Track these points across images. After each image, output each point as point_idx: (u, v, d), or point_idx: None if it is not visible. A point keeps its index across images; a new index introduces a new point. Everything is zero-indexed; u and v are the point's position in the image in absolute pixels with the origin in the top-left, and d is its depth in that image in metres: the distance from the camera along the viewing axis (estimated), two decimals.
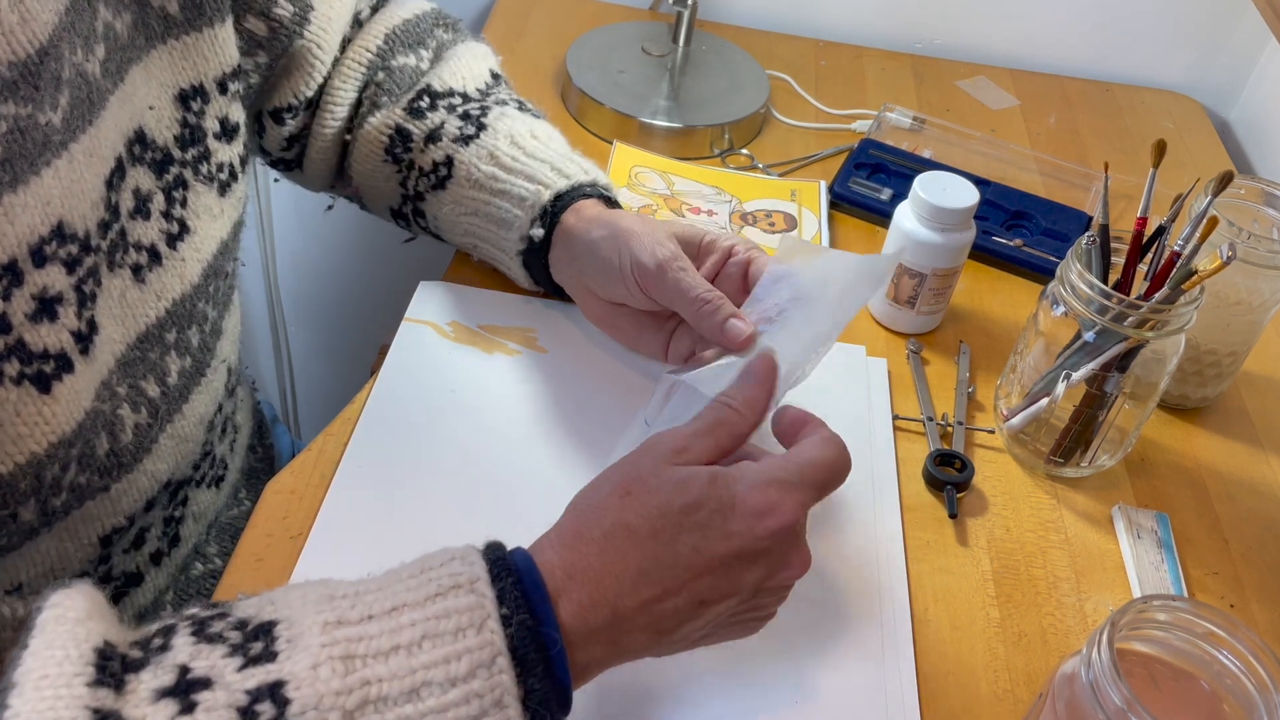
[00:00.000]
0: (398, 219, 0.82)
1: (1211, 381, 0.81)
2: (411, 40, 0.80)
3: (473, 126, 0.76)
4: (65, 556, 0.59)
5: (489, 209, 0.75)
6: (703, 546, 0.49)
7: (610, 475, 0.52)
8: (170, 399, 0.63)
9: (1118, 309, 0.67)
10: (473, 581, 0.46)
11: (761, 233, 0.89)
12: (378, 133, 0.78)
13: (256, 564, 0.63)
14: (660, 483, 0.50)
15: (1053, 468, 0.75)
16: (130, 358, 0.59)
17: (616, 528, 0.49)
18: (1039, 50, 1.20)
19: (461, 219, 0.77)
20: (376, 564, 0.63)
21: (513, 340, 0.78)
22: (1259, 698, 0.50)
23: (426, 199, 0.78)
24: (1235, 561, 0.72)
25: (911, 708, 0.60)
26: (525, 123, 0.77)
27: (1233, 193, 0.77)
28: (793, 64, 1.14)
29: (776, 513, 0.50)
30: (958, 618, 0.66)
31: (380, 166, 0.79)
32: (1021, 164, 1.05)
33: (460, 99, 0.78)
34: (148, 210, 0.59)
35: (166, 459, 0.63)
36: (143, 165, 0.59)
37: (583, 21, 1.14)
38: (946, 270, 0.81)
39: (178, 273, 0.62)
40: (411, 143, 0.77)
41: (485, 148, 0.75)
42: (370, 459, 0.69)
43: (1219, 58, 1.18)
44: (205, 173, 0.64)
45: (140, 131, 0.59)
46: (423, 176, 0.77)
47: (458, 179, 0.76)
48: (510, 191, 0.74)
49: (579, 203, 0.72)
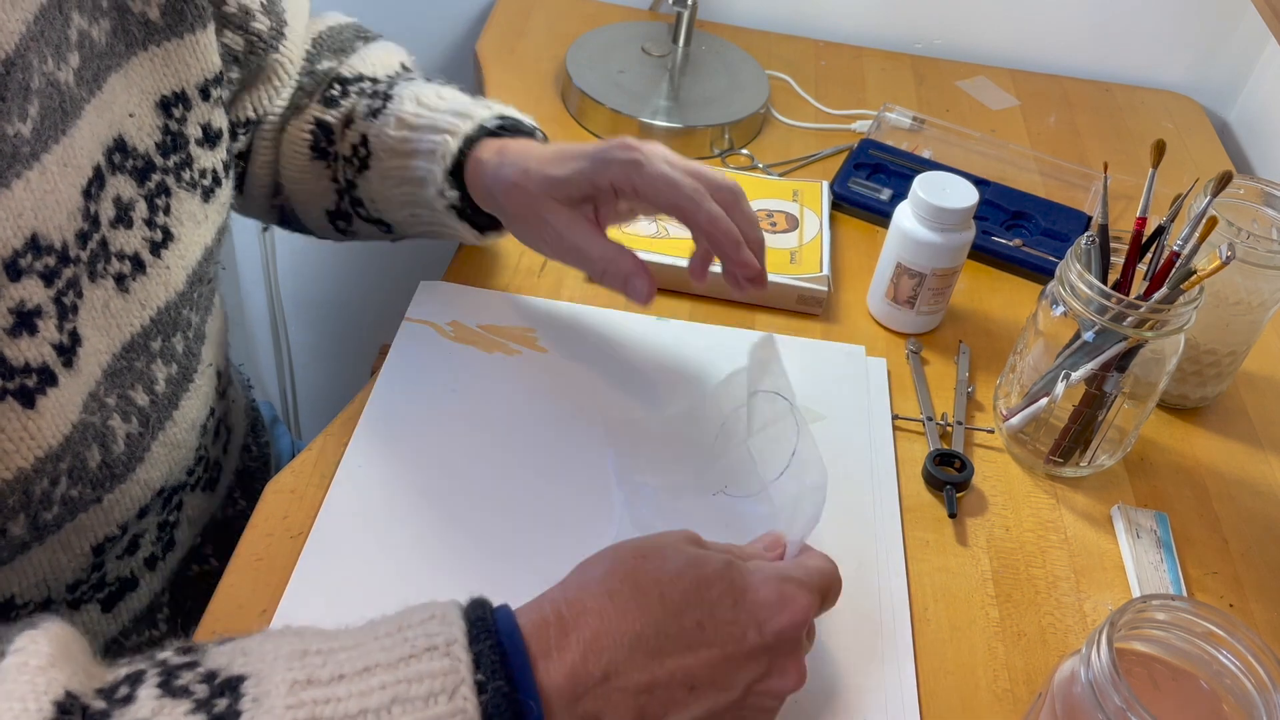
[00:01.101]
0: (335, 221, 0.80)
1: (1211, 381, 0.81)
2: (334, 47, 0.80)
3: (379, 100, 0.75)
4: (57, 567, 0.59)
5: (406, 172, 0.73)
6: (708, 625, 0.48)
7: (625, 544, 0.52)
8: (160, 407, 0.62)
9: (1117, 309, 0.67)
10: (449, 644, 0.44)
11: (764, 233, 0.88)
12: (300, 133, 0.76)
13: (256, 564, 0.63)
14: (676, 554, 0.50)
15: (1052, 467, 0.75)
16: (117, 367, 0.58)
17: (625, 587, 0.48)
18: (1039, 50, 1.20)
19: (393, 191, 0.75)
20: (376, 564, 0.63)
21: (513, 340, 0.78)
22: (1258, 697, 0.50)
23: (358, 185, 0.76)
24: (1235, 561, 0.72)
25: (911, 707, 0.60)
26: (432, 87, 0.75)
27: (1232, 193, 0.77)
28: (793, 64, 1.14)
29: (788, 609, 0.50)
30: (957, 617, 0.66)
31: (309, 166, 0.77)
32: (1021, 164, 1.05)
33: (369, 83, 0.77)
34: (130, 219, 0.58)
35: (160, 466, 0.63)
36: (123, 173, 0.58)
37: (583, 21, 1.14)
38: (946, 270, 0.81)
39: (162, 280, 0.61)
40: (333, 134, 0.76)
41: (393, 114, 0.74)
42: (370, 459, 0.69)
43: (1219, 58, 1.18)
44: (188, 179, 0.63)
45: (120, 139, 0.58)
46: (347, 164, 0.76)
47: (376, 154, 0.74)
48: (419, 148, 0.72)
49: (476, 148, 0.71)
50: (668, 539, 0.52)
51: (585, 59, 1.06)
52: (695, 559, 0.50)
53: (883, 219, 0.93)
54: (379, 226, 0.79)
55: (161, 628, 0.70)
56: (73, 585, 0.61)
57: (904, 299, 0.82)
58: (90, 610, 0.63)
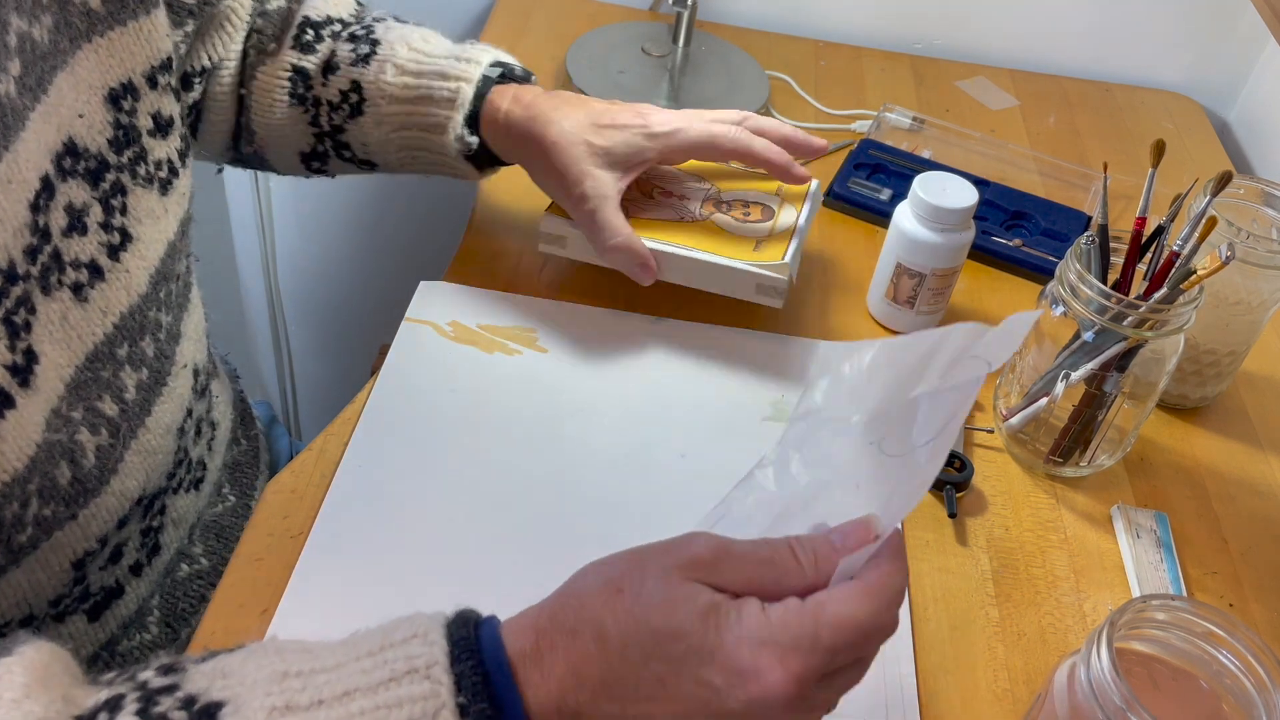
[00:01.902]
0: (310, 162, 0.81)
1: (1211, 381, 0.81)
2: None
3: (365, 45, 0.76)
4: (37, 585, 0.57)
5: (415, 118, 0.76)
6: (668, 681, 0.44)
7: (618, 562, 0.47)
8: (131, 415, 0.60)
9: (1117, 309, 0.67)
10: (429, 666, 0.43)
11: (734, 220, 0.81)
12: (275, 79, 0.77)
13: (256, 564, 0.63)
14: (652, 594, 0.44)
15: (1052, 467, 0.75)
16: (81, 380, 0.56)
17: (590, 626, 0.44)
18: (1038, 50, 1.20)
19: (393, 135, 0.77)
20: (376, 564, 0.63)
21: (513, 340, 0.78)
22: (1258, 697, 0.50)
23: (347, 130, 0.77)
24: (1234, 561, 0.72)
25: (911, 707, 0.60)
26: (412, 30, 0.78)
27: (1232, 193, 0.77)
28: (793, 64, 1.14)
29: (758, 680, 0.43)
30: (957, 617, 0.66)
31: (287, 112, 0.77)
32: (1021, 164, 1.05)
33: (339, 24, 0.78)
34: (84, 225, 0.56)
35: (136, 475, 0.61)
36: (75, 178, 0.56)
37: (583, 21, 1.14)
38: (946, 270, 0.81)
39: (123, 284, 0.59)
40: (311, 79, 0.77)
41: (387, 60, 0.76)
42: (370, 459, 0.69)
43: (1218, 58, 1.18)
44: (143, 174, 0.61)
45: (70, 143, 0.55)
46: (334, 110, 0.77)
47: (372, 99, 0.76)
48: (431, 95, 0.75)
49: (489, 97, 0.76)
50: (658, 565, 0.45)
51: (585, 59, 1.06)
52: (670, 603, 0.44)
53: (883, 219, 0.93)
54: (362, 167, 0.81)
55: (153, 630, 0.69)
56: (55, 600, 0.59)
57: (904, 299, 0.82)
58: (75, 621, 0.62)
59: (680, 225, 0.80)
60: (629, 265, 0.76)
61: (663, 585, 0.44)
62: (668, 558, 0.45)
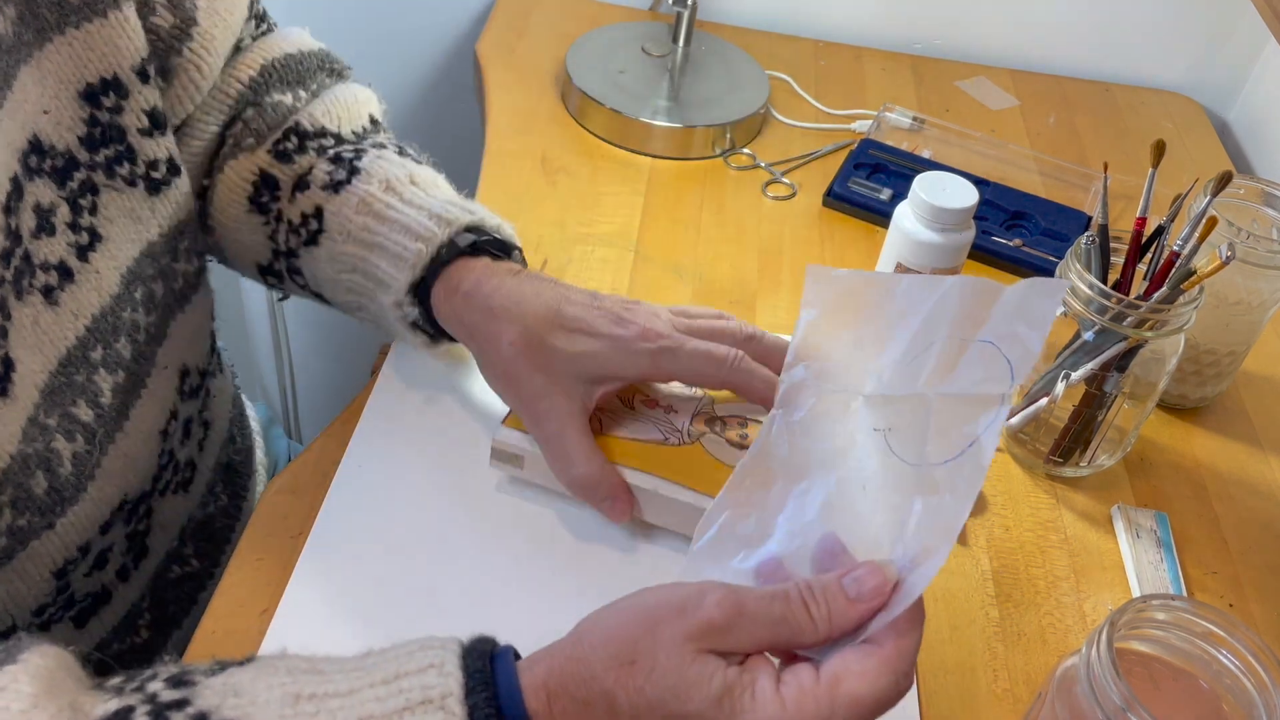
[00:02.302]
0: (267, 277, 0.72)
1: (1211, 381, 0.81)
2: (291, 78, 0.70)
3: (343, 171, 0.67)
4: (17, 595, 0.56)
5: (365, 265, 0.65)
6: None
7: (629, 625, 0.45)
8: (107, 419, 0.58)
9: (1117, 309, 0.67)
10: (444, 697, 0.42)
11: (730, 443, 0.65)
12: (240, 179, 0.68)
13: (257, 564, 0.63)
14: (666, 671, 0.43)
15: (1052, 467, 0.75)
16: (55, 385, 0.54)
17: (602, 697, 0.44)
18: (1039, 50, 1.20)
19: (340, 277, 0.67)
20: (376, 564, 0.63)
21: None
22: (1258, 697, 0.50)
23: (300, 256, 0.68)
24: (1234, 561, 0.72)
25: (911, 707, 0.60)
26: (404, 167, 0.67)
27: (1232, 192, 0.77)
28: (793, 64, 1.14)
29: None
30: (957, 617, 0.66)
31: (245, 218, 0.69)
32: (1021, 164, 1.05)
33: (332, 140, 0.69)
34: (52, 225, 0.53)
35: (115, 480, 0.59)
36: (41, 176, 0.53)
37: (583, 21, 1.14)
38: (946, 270, 0.81)
39: (93, 285, 0.56)
40: (279, 191, 0.68)
41: (357, 194, 0.65)
42: (370, 459, 0.69)
43: (1219, 58, 1.18)
44: (125, 174, 0.57)
45: (35, 140, 0.52)
46: (292, 232, 0.67)
47: (330, 232, 0.66)
48: (386, 247, 0.64)
49: (449, 268, 0.64)
50: (666, 634, 0.44)
51: (585, 59, 1.06)
52: (683, 684, 0.43)
53: (883, 219, 0.93)
54: (315, 298, 0.72)
55: (144, 634, 0.68)
56: (38, 610, 0.58)
57: None
58: (62, 629, 0.61)
59: (663, 450, 0.64)
60: (597, 501, 0.62)
61: (676, 661, 0.43)
62: (680, 623, 0.44)
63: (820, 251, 0.92)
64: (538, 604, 0.62)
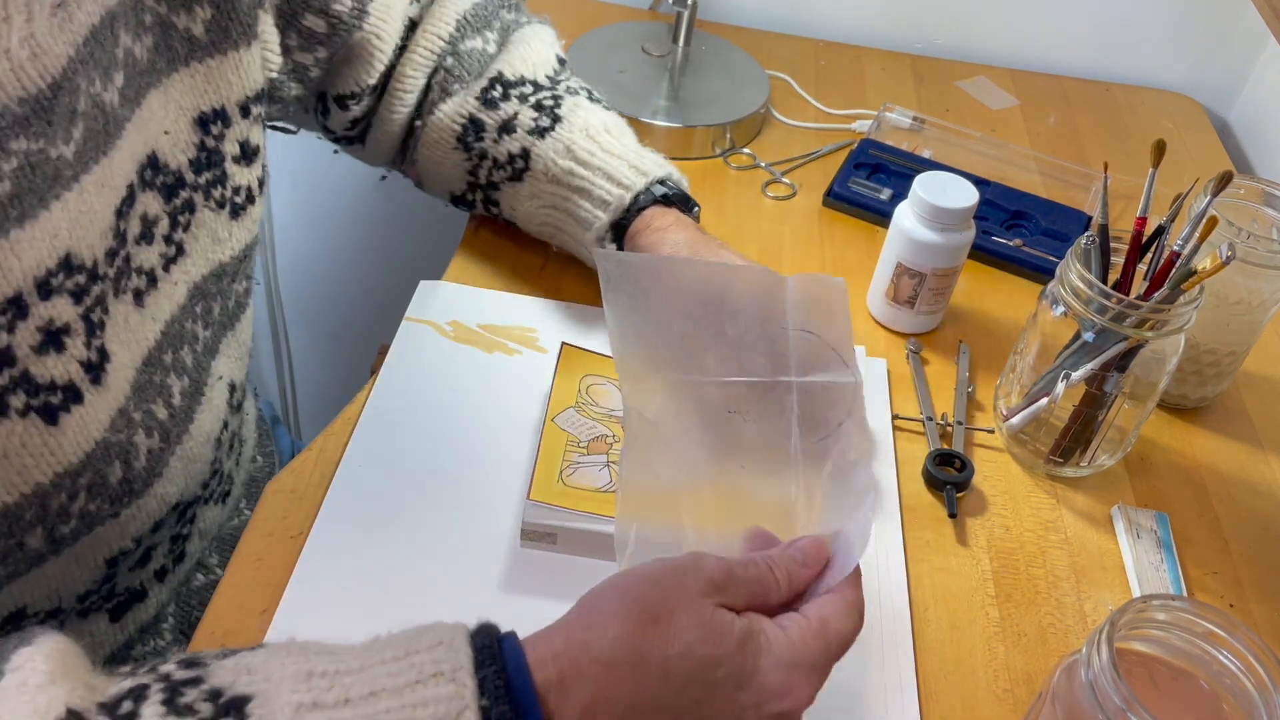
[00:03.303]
0: (458, 203, 0.84)
1: (1211, 381, 0.81)
2: (479, 24, 0.81)
3: (547, 118, 0.78)
4: (70, 579, 0.59)
5: (568, 205, 0.77)
6: (704, 703, 0.47)
7: (637, 595, 0.48)
8: (177, 420, 0.62)
9: (1117, 309, 0.67)
10: (454, 670, 0.44)
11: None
12: (450, 121, 0.79)
13: (257, 564, 0.63)
14: (692, 623, 0.47)
15: (1052, 467, 0.75)
16: (140, 382, 0.58)
17: (629, 655, 0.46)
18: (1039, 50, 1.20)
19: (540, 211, 0.79)
20: (376, 564, 0.63)
21: (513, 340, 0.78)
22: (1259, 697, 0.50)
23: (502, 189, 0.80)
24: (1235, 561, 0.72)
25: (911, 707, 0.60)
26: (598, 115, 0.79)
27: (1232, 192, 0.77)
28: (793, 64, 1.14)
29: (790, 695, 0.48)
30: (957, 617, 0.66)
31: (449, 154, 0.80)
32: (1021, 164, 1.05)
33: (531, 87, 0.80)
34: (151, 235, 0.59)
35: (177, 481, 0.63)
36: (153, 190, 0.58)
37: (583, 21, 1.14)
38: (946, 270, 0.81)
39: (168, 294, 0.61)
40: (484, 132, 0.78)
41: (562, 141, 0.77)
42: (370, 459, 0.69)
43: (1219, 58, 1.18)
44: (218, 197, 0.63)
45: (153, 156, 0.58)
46: (497, 168, 0.79)
47: (534, 172, 0.77)
48: (590, 190, 0.76)
49: (646, 212, 0.75)
50: (687, 593, 0.48)
51: (585, 59, 1.06)
52: (709, 633, 0.47)
53: (883, 219, 0.93)
54: (507, 223, 0.83)
55: (166, 637, 0.70)
56: (83, 596, 0.61)
57: (904, 299, 0.82)
58: (98, 620, 0.63)
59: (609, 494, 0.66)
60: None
61: (697, 615, 0.47)
62: (690, 583, 0.48)
63: (820, 251, 0.92)
64: (538, 603, 0.62)
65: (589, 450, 0.67)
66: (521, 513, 0.64)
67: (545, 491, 0.64)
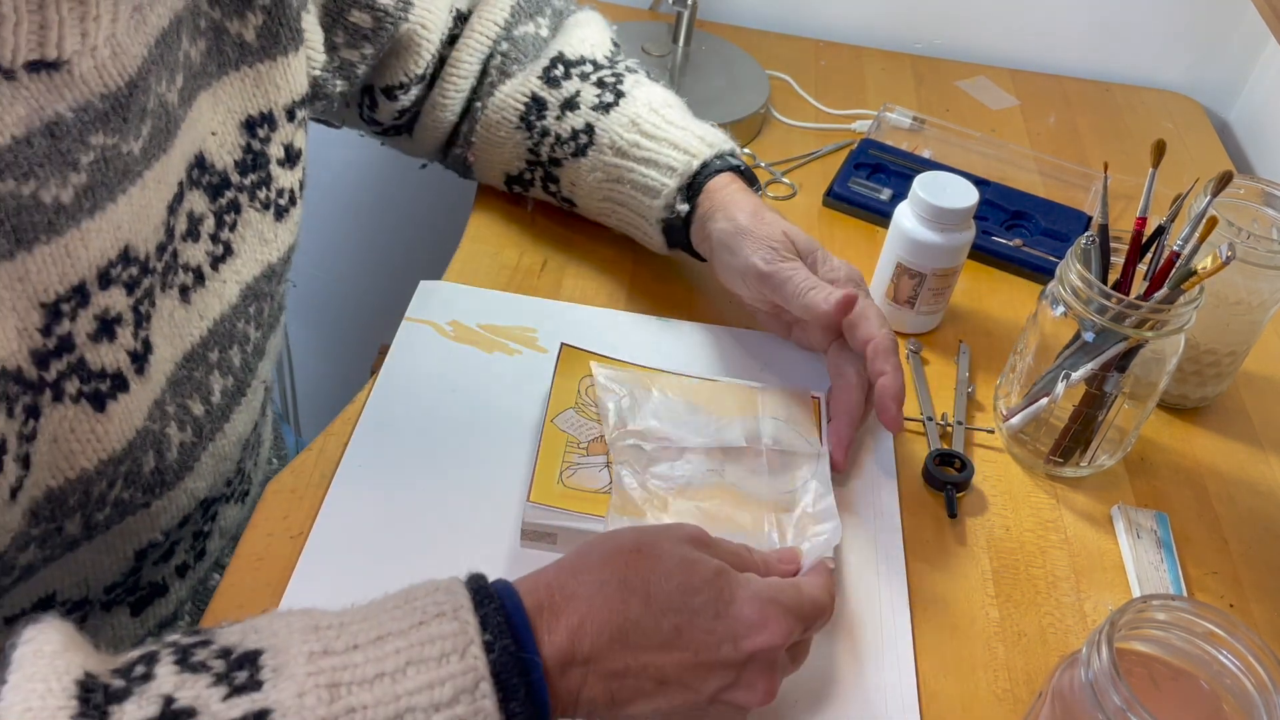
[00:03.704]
0: (513, 184, 0.85)
1: (1211, 381, 0.81)
2: (531, 9, 0.84)
3: (610, 94, 0.80)
4: (99, 568, 0.60)
5: (634, 175, 0.78)
6: (685, 630, 0.50)
7: (625, 534, 0.53)
8: (214, 418, 0.63)
9: (1117, 309, 0.67)
10: (456, 609, 0.46)
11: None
12: (513, 100, 0.81)
13: (257, 564, 0.63)
14: (672, 554, 0.52)
15: (1052, 467, 0.75)
16: (179, 376, 0.60)
17: (613, 580, 0.50)
18: (1039, 50, 1.20)
19: (602, 185, 0.80)
20: (376, 564, 0.63)
21: (513, 340, 0.78)
22: (1259, 698, 0.50)
23: (564, 165, 0.81)
24: (1235, 561, 0.72)
25: (911, 708, 0.60)
26: (659, 92, 0.81)
27: (1232, 192, 0.77)
28: (793, 64, 1.14)
29: (765, 630, 0.51)
30: (957, 617, 0.66)
31: (511, 134, 0.82)
32: (1021, 164, 1.05)
33: (592, 66, 0.82)
34: (198, 232, 0.60)
35: (206, 477, 0.64)
36: (199, 189, 0.60)
37: None
38: (946, 270, 0.81)
39: (217, 294, 0.62)
40: (547, 110, 0.80)
41: (626, 115, 0.79)
42: (370, 459, 0.69)
43: (1219, 58, 1.18)
44: (263, 198, 0.65)
45: (200, 156, 0.60)
46: (560, 144, 0.80)
47: (599, 146, 0.79)
48: (656, 160, 0.77)
49: (716, 178, 0.77)
50: (669, 536, 0.53)
51: None
52: (688, 563, 0.51)
53: (883, 219, 0.93)
54: (562, 203, 0.85)
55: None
56: (110, 587, 0.62)
57: (904, 299, 0.82)
58: (120, 613, 0.64)
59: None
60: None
61: (678, 548, 0.52)
62: (673, 531, 0.54)
63: None
64: None
65: (589, 451, 0.68)
66: (521, 513, 0.65)
67: (545, 493, 0.65)
